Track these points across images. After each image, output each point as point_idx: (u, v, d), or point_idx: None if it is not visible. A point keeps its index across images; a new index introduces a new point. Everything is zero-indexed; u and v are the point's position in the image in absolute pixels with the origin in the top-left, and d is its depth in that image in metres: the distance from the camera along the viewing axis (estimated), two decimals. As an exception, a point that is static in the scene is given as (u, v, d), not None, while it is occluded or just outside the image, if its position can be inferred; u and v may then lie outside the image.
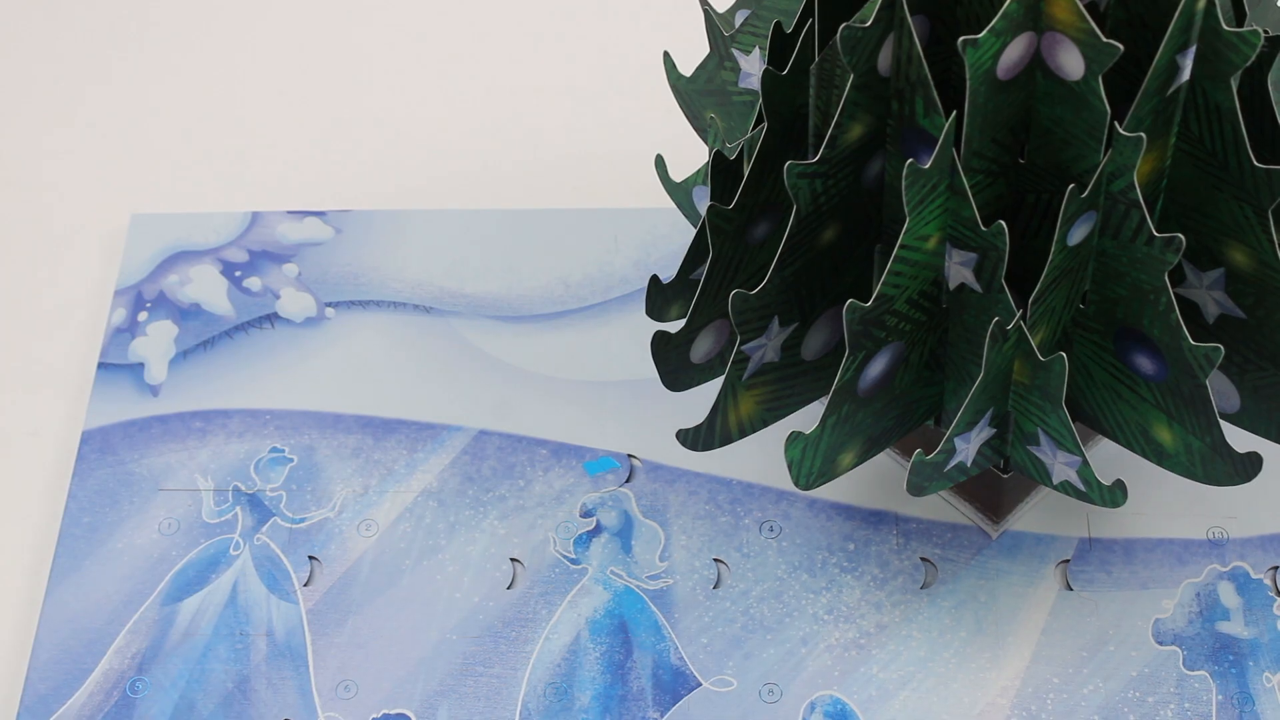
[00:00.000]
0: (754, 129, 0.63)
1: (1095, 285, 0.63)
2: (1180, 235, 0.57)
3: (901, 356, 0.64)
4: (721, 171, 0.64)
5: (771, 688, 0.73)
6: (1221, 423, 0.62)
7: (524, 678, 0.73)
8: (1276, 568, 0.75)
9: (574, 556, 0.77)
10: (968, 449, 0.64)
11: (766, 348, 0.65)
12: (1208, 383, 0.60)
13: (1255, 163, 0.57)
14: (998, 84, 0.57)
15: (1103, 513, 0.76)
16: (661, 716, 0.72)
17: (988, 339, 0.59)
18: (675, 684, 0.73)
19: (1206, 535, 0.76)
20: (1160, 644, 0.73)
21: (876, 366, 0.62)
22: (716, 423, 0.66)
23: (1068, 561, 0.75)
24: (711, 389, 0.67)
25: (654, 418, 0.81)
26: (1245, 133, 0.57)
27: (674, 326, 0.66)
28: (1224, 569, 0.75)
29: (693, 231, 0.66)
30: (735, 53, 0.73)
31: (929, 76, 0.57)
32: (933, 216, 0.59)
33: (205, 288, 0.88)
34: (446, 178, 0.94)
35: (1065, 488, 0.65)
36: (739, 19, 0.73)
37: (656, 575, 0.76)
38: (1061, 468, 0.64)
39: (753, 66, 0.73)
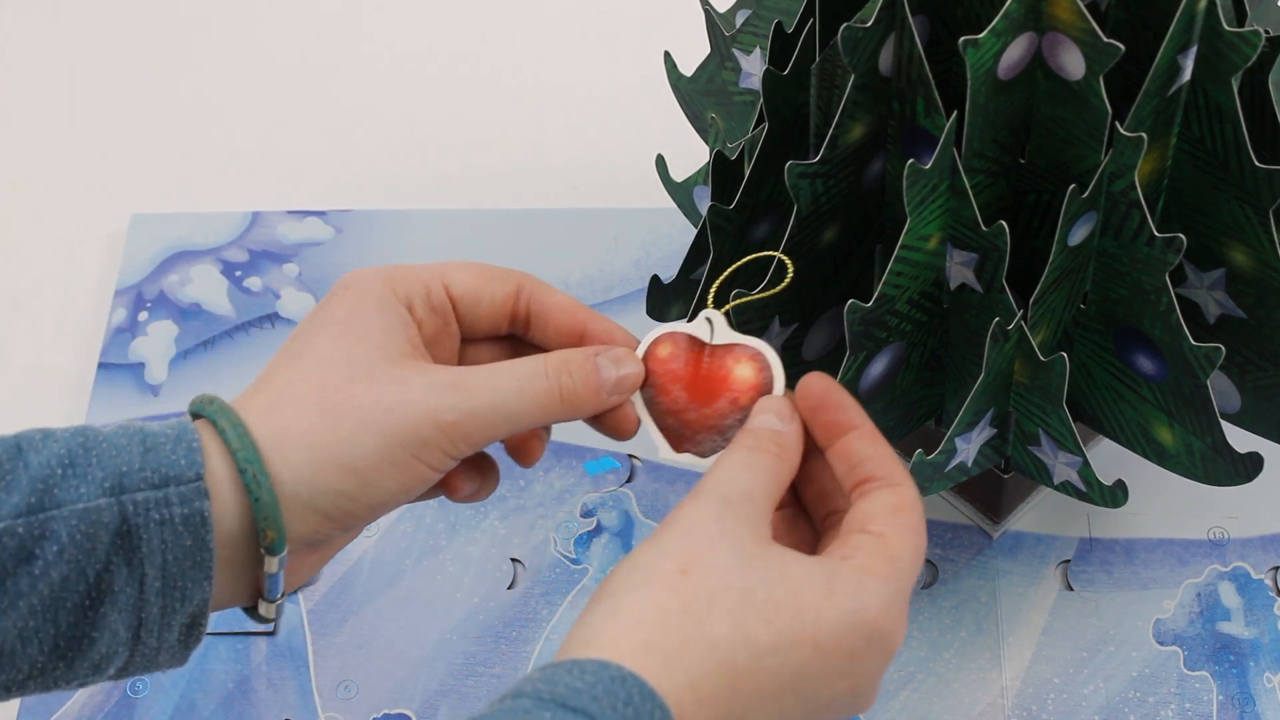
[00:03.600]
0: (755, 129, 0.63)
1: (1096, 285, 0.63)
2: (1181, 235, 0.57)
3: (902, 357, 0.64)
4: (722, 171, 0.64)
5: (772, 688, 0.72)
6: (1222, 423, 0.62)
7: (524, 678, 0.73)
8: (1277, 568, 0.75)
9: (574, 556, 0.77)
10: (968, 449, 0.64)
11: (767, 348, 0.65)
12: (1208, 383, 0.60)
13: (1256, 163, 0.57)
14: (999, 84, 0.57)
15: (1103, 513, 0.76)
16: (662, 716, 0.72)
17: (988, 339, 0.59)
18: (676, 684, 0.73)
19: (1207, 535, 0.76)
20: (1161, 644, 0.73)
21: (877, 367, 0.62)
22: (717, 423, 0.66)
23: (1068, 561, 0.75)
24: (712, 389, 0.67)
25: (654, 418, 0.80)
26: (1246, 133, 0.57)
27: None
28: (1225, 569, 0.75)
29: (693, 231, 0.66)
30: (736, 53, 0.73)
31: (930, 76, 0.57)
32: (934, 216, 0.59)
33: (205, 287, 0.88)
34: (446, 178, 0.94)
35: (1066, 488, 0.65)
36: (740, 19, 0.73)
37: (657, 575, 0.76)
38: (1062, 468, 0.64)
39: (753, 66, 0.73)
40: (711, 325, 0.59)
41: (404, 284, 0.57)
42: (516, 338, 0.61)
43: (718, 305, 0.59)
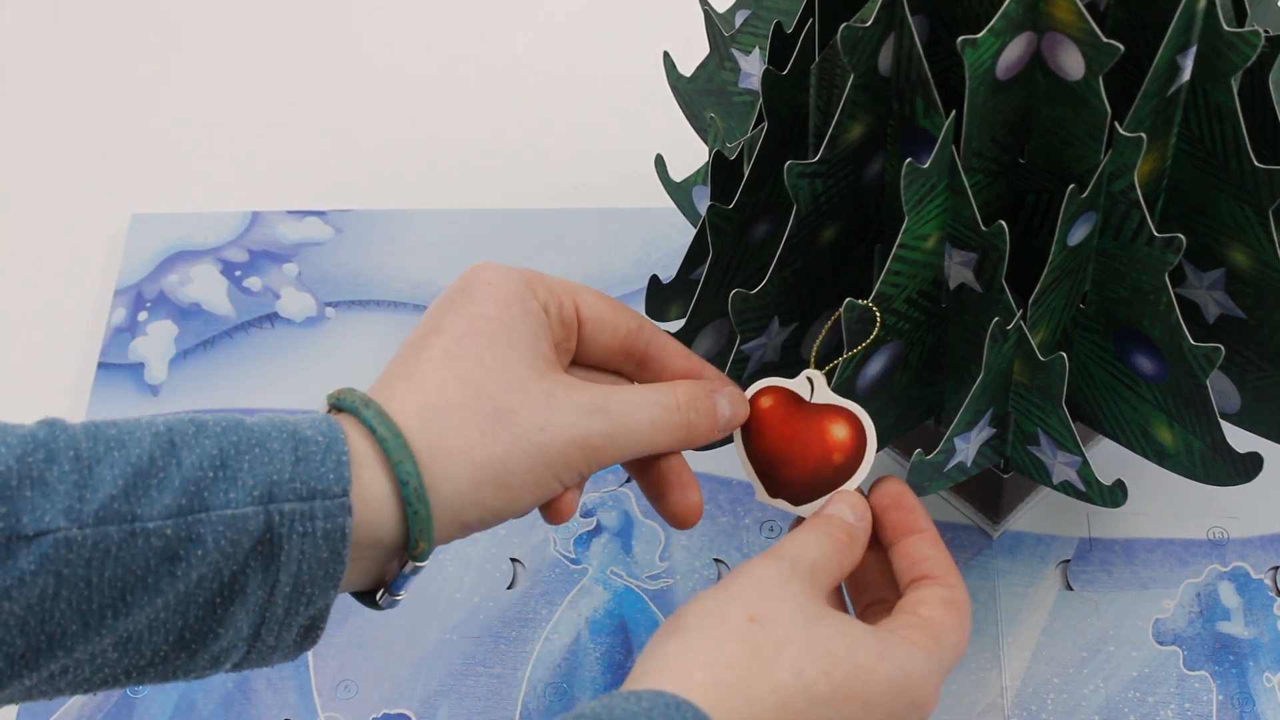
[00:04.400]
0: (754, 129, 0.63)
1: (1095, 285, 0.63)
2: (1180, 235, 0.57)
3: (900, 355, 0.64)
4: (721, 171, 0.64)
5: (771, 688, 0.72)
6: (1222, 423, 0.62)
7: (524, 677, 0.73)
8: (1277, 568, 0.75)
9: (574, 556, 0.77)
10: (968, 449, 0.64)
11: (766, 347, 0.65)
12: (1208, 383, 0.60)
13: (1255, 163, 0.57)
14: (997, 84, 0.57)
15: (1103, 513, 0.76)
16: (661, 716, 0.72)
17: (988, 339, 0.59)
18: (675, 684, 0.73)
19: (1207, 535, 0.76)
20: (1160, 644, 0.73)
21: (875, 365, 0.62)
22: (717, 423, 0.66)
23: (1068, 561, 0.75)
24: (711, 389, 0.67)
25: (654, 418, 0.80)
26: (1245, 133, 0.57)
27: (674, 326, 0.66)
28: (1224, 569, 0.75)
29: (692, 231, 0.66)
30: (735, 53, 0.73)
31: (929, 76, 0.57)
32: (932, 216, 0.59)
33: (205, 287, 0.88)
34: (446, 178, 0.94)
35: (1065, 488, 0.65)
36: (739, 19, 0.73)
37: (656, 575, 0.76)
38: (1061, 468, 0.64)
39: (753, 66, 0.73)
40: (812, 385, 0.61)
41: (543, 290, 0.58)
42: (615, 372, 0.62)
43: (819, 366, 0.61)
